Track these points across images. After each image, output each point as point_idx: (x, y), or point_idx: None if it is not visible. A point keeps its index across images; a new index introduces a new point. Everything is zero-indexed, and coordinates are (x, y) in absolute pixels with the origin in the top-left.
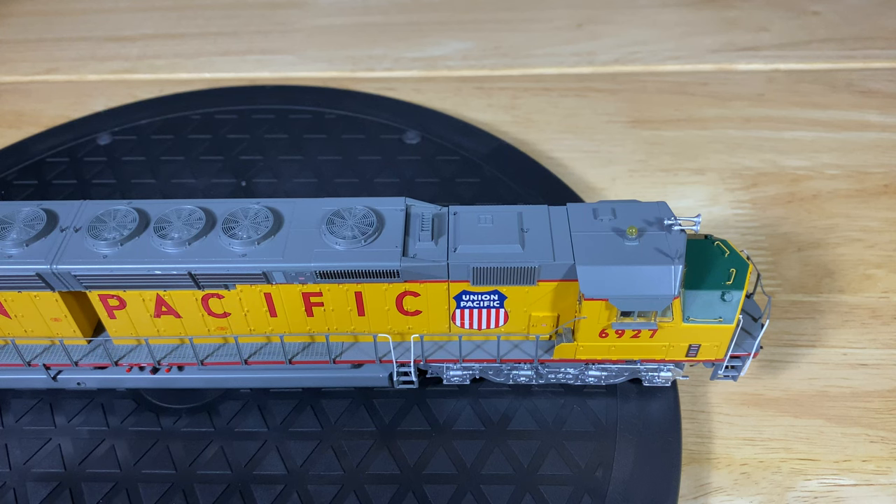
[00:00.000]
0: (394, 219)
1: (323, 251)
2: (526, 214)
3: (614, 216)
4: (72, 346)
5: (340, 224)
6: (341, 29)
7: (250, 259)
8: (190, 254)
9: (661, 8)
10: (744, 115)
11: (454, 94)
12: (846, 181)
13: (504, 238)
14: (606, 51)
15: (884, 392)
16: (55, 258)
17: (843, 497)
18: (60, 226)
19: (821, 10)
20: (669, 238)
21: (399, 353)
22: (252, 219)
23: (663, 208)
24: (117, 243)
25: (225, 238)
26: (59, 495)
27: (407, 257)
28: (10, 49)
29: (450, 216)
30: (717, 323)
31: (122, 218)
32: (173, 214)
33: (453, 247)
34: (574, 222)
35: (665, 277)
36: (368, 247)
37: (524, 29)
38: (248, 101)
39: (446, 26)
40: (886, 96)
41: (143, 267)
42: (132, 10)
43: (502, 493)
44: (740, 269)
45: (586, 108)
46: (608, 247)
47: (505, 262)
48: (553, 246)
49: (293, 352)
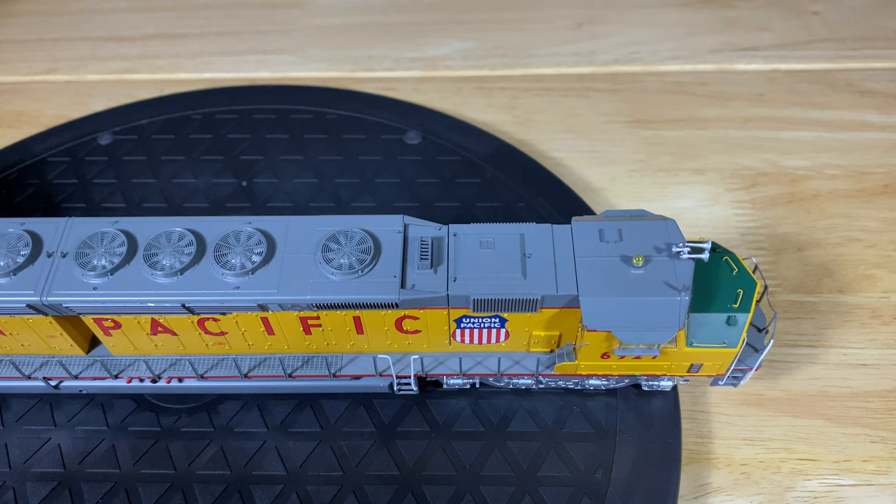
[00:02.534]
0: (391, 243)
1: (319, 282)
2: (528, 235)
3: (620, 238)
4: (71, 356)
5: (336, 251)
6: (341, 29)
7: (244, 291)
8: (182, 284)
9: (661, 8)
10: (744, 115)
11: (454, 94)
12: (846, 181)
13: (505, 266)
14: (606, 51)
15: (884, 392)
16: (44, 289)
17: (844, 497)
18: (47, 250)
19: (821, 10)
20: (677, 267)
21: (399, 367)
22: (244, 244)
23: (672, 228)
24: (107, 273)
25: (217, 267)
26: (59, 495)
27: (405, 289)
28: (9, 49)
29: (449, 238)
30: (721, 347)
31: (109, 243)
32: (162, 239)
33: (453, 276)
34: (578, 245)
35: (670, 310)
36: (366, 277)
37: (524, 29)
38: (248, 101)
39: (446, 26)
40: (886, 96)
41: (135, 299)
42: (132, 10)
43: (502, 494)
44: (748, 289)
45: (586, 108)
46: (613, 276)
47: (506, 293)
48: (556, 274)
49: (293, 367)
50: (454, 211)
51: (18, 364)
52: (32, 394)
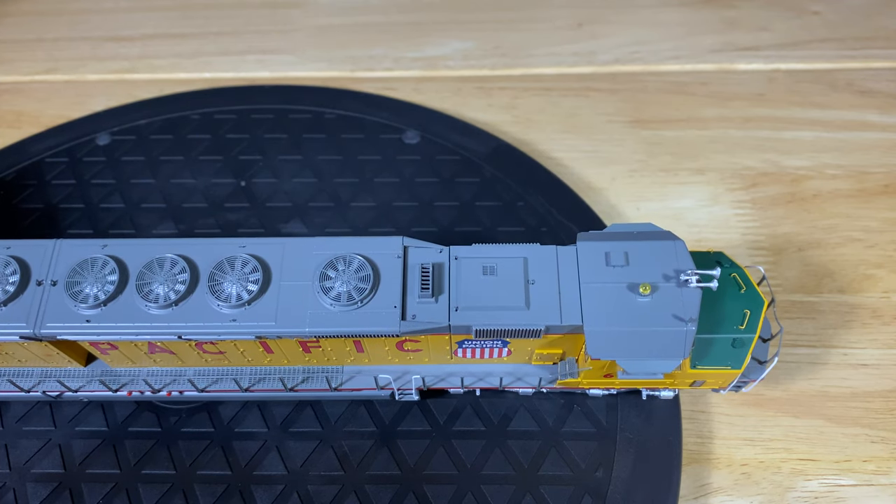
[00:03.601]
0: (390, 270)
1: (317, 313)
2: (532, 259)
3: (627, 262)
4: (70, 368)
5: (334, 278)
6: (341, 29)
7: (241, 323)
8: (177, 316)
9: (662, 7)
10: (744, 115)
11: (454, 94)
12: (846, 181)
13: (508, 295)
14: (606, 50)
15: (884, 392)
16: (37, 322)
17: (844, 497)
18: (36, 278)
19: (821, 10)
20: (684, 295)
21: (400, 382)
22: (239, 272)
23: (680, 250)
24: (99, 304)
25: (212, 298)
26: (59, 496)
27: (406, 321)
28: (9, 49)
29: (450, 262)
30: (725, 369)
31: (99, 270)
32: (154, 266)
33: (455, 306)
34: (584, 269)
35: (676, 341)
36: (365, 307)
37: (524, 29)
38: (247, 101)
39: (446, 26)
40: (887, 96)
41: (130, 331)
42: (132, 10)
43: (503, 493)
44: (755, 308)
45: (586, 108)
46: (618, 305)
47: (509, 323)
48: (560, 303)
49: (293, 381)
50: (454, 210)
51: (18, 374)
52: (32, 398)
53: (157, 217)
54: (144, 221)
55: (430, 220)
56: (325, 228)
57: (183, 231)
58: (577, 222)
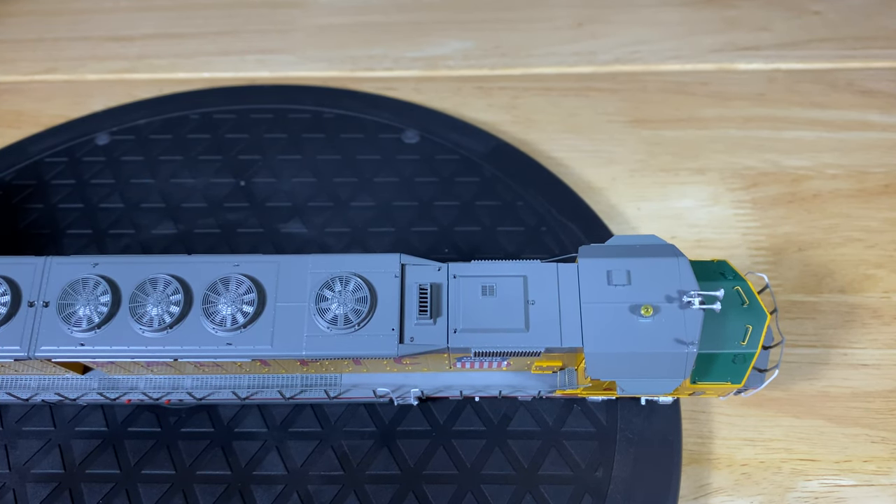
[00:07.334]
0: (388, 290)
1: (314, 336)
2: (533, 278)
3: (629, 280)
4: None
5: (331, 299)
6: (341, 29)
7: (237, 347)
8: (172, 339)
9: (662, 7)
10: (744, 114)
11: (454, 93)
12: (847, 181)
13: (508, 317)
14: (607, 50)
15: (885, 392)
16: (31, 345)
17: (844, 497)
18: (27, 299)
19: (821, 10)
20: (686, 316)
21: (399, 392)
22: (234, 293)
23: (684, 268)
24: (93, 327)
25: (207, 321)
26: (59, 496)
27: (404, 344)
28: (9, 49)
29: (449, 282)
30: (724, 383)
31: (92, 290)
32: (147, 287)
33: (453, 327)
34: (585, 288)
35: (676, 363)
36: (362, 330)
37: (524, 29)
38: (246, 101)
39: (446, 26)
40: (887, 96)
41: (125, 354)
42: (132, 10)
43: (503, 492)
44: (757, 323)
45: (587, 108)
46: (619, 326)
47: (508, 345)
48: (561, 324)
49: (291, 392)
50: (453, 210)
51: (15, 382)
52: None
53: (156, 217)
54: (144, 221)
55: (430, 220)
56: (324, 228)
57: (182, 231)
58: (577, 222)
